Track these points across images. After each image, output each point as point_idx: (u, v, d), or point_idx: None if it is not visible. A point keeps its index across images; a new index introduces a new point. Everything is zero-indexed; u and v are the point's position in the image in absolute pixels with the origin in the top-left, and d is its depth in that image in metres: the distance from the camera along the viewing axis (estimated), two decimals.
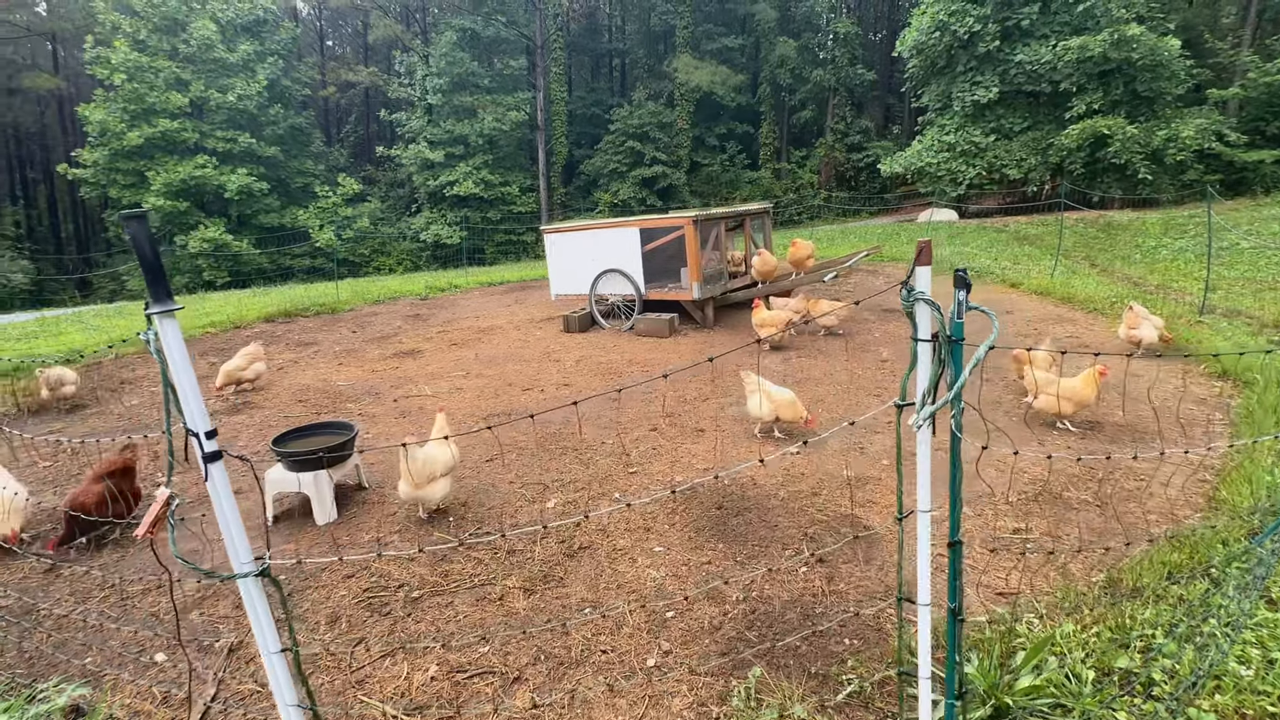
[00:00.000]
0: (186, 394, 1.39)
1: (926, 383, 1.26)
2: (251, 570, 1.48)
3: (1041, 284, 9.98)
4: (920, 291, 1.26)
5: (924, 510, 1.36)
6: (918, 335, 1.29)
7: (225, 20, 26.44)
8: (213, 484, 1.44)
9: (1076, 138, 17.73)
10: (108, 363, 8.14)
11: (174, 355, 1.37)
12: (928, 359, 1.28)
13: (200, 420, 1.41)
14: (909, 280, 1.27)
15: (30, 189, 38.74)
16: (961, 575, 1.48)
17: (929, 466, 1.35)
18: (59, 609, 3.06)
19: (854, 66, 31.86)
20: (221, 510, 1.46)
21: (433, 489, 3.66)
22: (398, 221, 31.36)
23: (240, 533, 1.49)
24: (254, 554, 1.50)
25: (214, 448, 1.42)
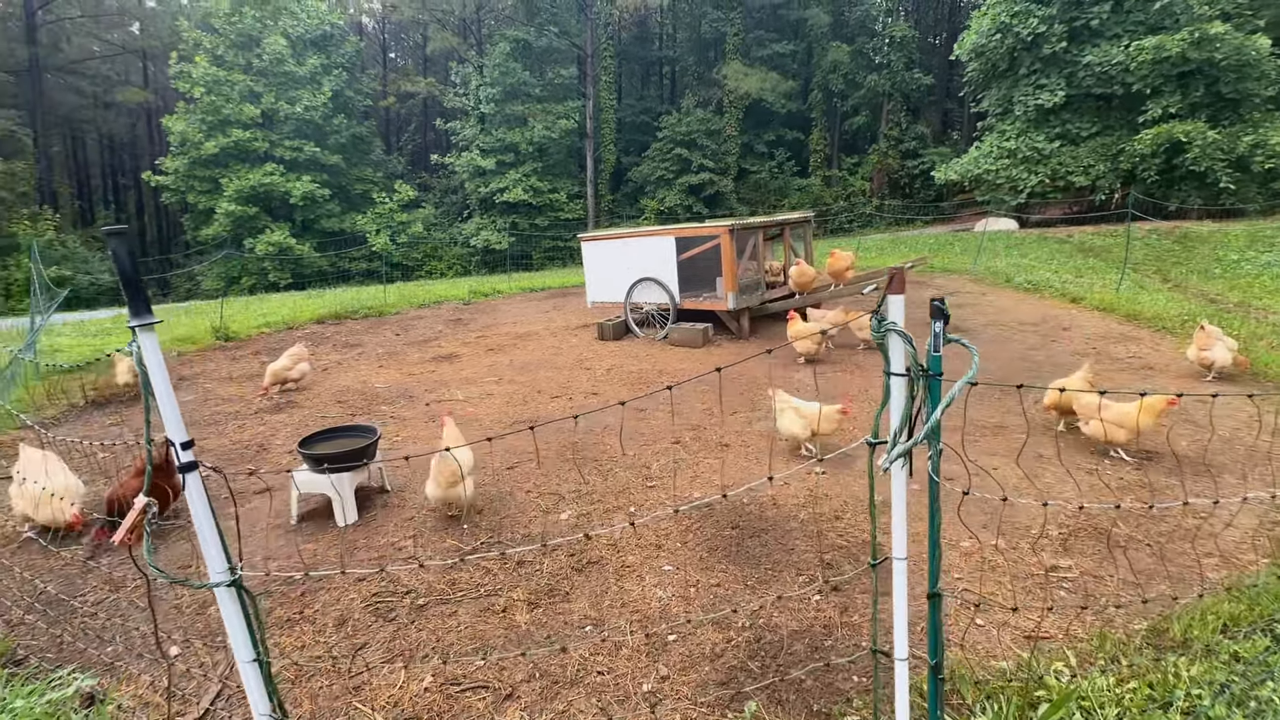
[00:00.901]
0: (164, 404, 1.42)
1: (898, 420, 1.15)
2: (224, 580, 1.50)
3: (1105, 299, 9.39)
4: (892, 322, 1.16)
5: (899, 557, 1.25)
6: (890, 369, 1.19)
7: (295, 35, 27.90)
8: (189, 493, 1.46)
9: (1151, 143, 16.67)
10: (170, 359, 8.63)
11: (152, 367, 1.40)
12: (902, 395, 1.18)
13: (176, 430, 1.43)
14: (880, 309, 1.18)
15: (121, 195, 41.83)
16: (942, 629, 1.36)
17: (904, 510, 1.24)
18: (93, 596, 3.22)
19: (910, 71, 30.98)
20: (197, 518, 1.48)
21: (459, 490, 3.72)
22: (449, 227, 32.29)
23: (215, 541, 1.50)
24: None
25: (190, 458, 1.44)
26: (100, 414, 6.35)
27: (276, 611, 3.04)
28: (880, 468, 1.19)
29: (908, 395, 1.16)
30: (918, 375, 1.13)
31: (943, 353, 1.14)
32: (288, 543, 3.73)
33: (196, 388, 7.29)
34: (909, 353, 1.15)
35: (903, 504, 1.25)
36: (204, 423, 6.02)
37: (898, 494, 1.24)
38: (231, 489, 1.87)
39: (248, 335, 10.04)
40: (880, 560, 1.34)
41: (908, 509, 1.36)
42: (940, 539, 1.23)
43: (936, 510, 1.20)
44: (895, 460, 1.16)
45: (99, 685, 2.47)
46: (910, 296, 6.05)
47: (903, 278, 1.16)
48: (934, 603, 1.24)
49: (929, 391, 1.14)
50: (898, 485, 1.23)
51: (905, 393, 1.17)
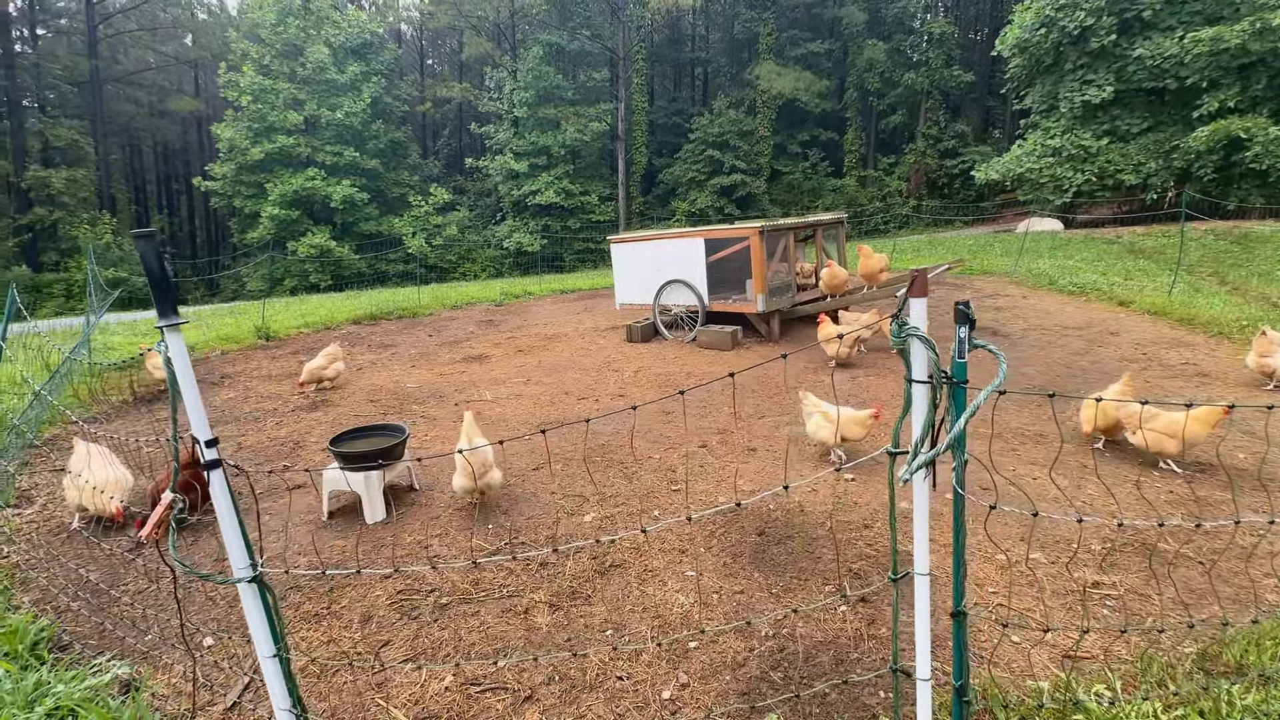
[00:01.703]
0: (190, 403, 1.45)
1: (920, 429, 1.10)
2: (245, 575, 1.52)
3: (1157, 302, 8.98)
4: (913, 327, 1.11)
5: (921, 573, 1.20)
6: (912, 375, 1.13)
7: (337, 44, 28.74)
8: (213, 489, 1.49)
9: (1207, 140, 15.89)
10: (214, 358, 8.95)
11: (178, 367, 1.43)
12: (924, 402, 1.12)
13: (201, 428, 1.46)
14: (900, 313, 1.12)
15: (174, 199, 43.75)
16: (967, 649, 1.29)
17: (926, 522, 1.18)
18: (133, 586, 3.34)
19: (950, 68, 30.24)
20: (221, 514, 1.51)
21: (488, 479, 3.85)
22: (483, 230, 32.80)
23: (238, 537, 1.53)
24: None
25: (214, 455, 1.47)
26: (148, 409, 6.62)
27: (304, 606, 3.10)
28: (900, 479, 1.14)
29: (930, 403, 1.10)
30: (940, 382, 1.08)
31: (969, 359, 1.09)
32: (316, 539, 3.81)
33: (238, 385, 7.53)
34: (931, 359, 1.09)
35: (924, 516, 1.19)
36: (244, 419, 6.21)
37: (919, 506, 1.18)
38: (253, 487, 1.91)
39: (287, 335, 10.34)
40: (901, 575, 1.28)
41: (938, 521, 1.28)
42: (965, 554, 1.17)
43: (961, 524, 1.14)
44: (916, 472, 1.10)
45: (135, 673, 2.56)
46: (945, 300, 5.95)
47: (925, 280, 1.10)
48: (959, 621, 1.18)
49: (953, 400, 1.08)
50: (920, 497, 1.18)
51: (927, 401, 1.11)
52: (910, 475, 1.11)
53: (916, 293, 1.13)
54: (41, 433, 5.63)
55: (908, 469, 1.11)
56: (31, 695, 2.33)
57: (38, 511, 4.22)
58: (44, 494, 4.49)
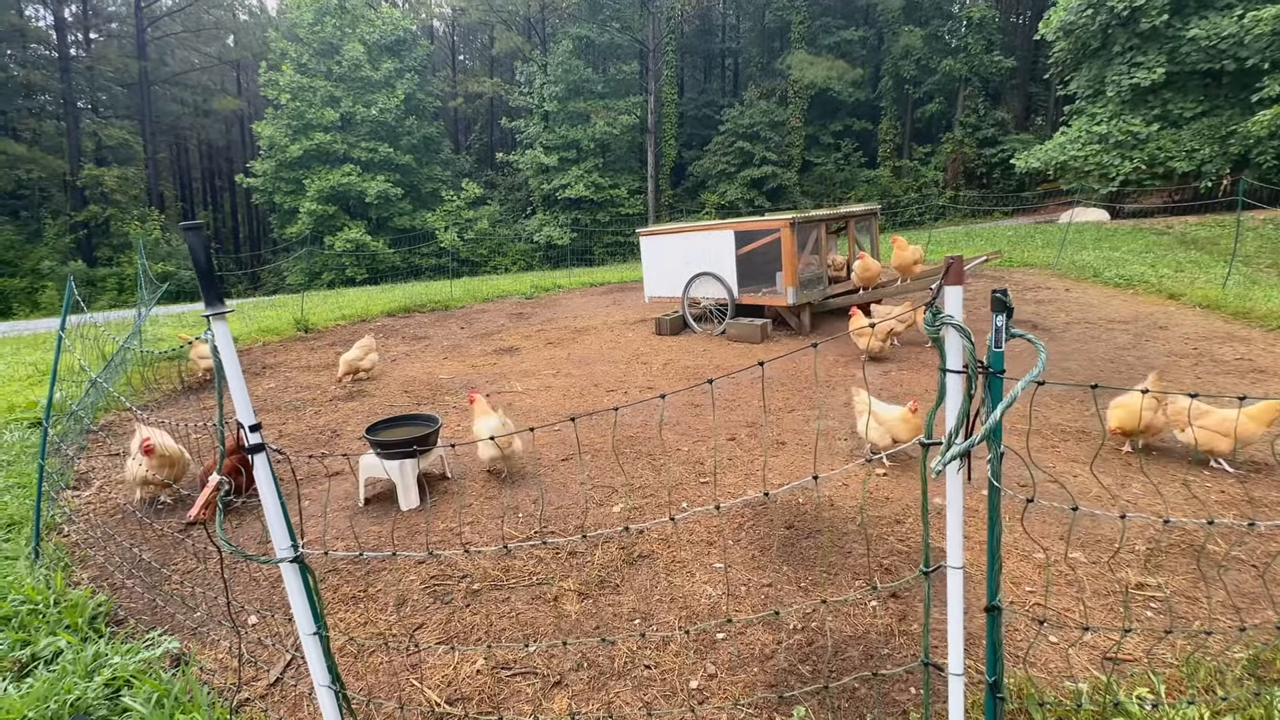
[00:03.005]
0: (235, 389, 1.50)
1: (954, 420, 1.08)
2: (287, 556, 1.58)
3: (1209, 295, 8.59)
4: (948, 316, 1.08)
5: (954, 566, 1.17)
6: (946, 365, 1.11)
7: (371, 42, 29.25)
8: (257, 473, 1.55)
9: (1268, 124, 15.07)
10: (256, 349, 9.25)
11: (224, 353, 1.48)
12: (958, 394, 1.10)
13: (246, 413, 1.52)
14: (935, 301, 1.10)
15: (218, 196, 45.25)
16: (1001, 645, 1.26)
17: (959, 515, 1.16)
18: (184, 565, 3.49)
19: (990, 53, 29.27)
20: (264, 497, 1.57)
21: (514, 446, 4.28)
22: (514, 223, 33.11)
23: (280, 520, 1.59)
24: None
25: (257, 440, 1.53)
26: (195, 397, 6.88)
27: (342, 589, 3.20)
28: (932, 470, 1.12)
29: (965, 394, 1.08)
30: (976, 372, 1.05)
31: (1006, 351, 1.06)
32: (353, 524, 3.92)
33: (279, 375, 7.78)
34: (966, 348, 1.07)
35: (958, 509, 1.17)
36: (285, 408, 6.42)
37: (953, 498, 1.16)
38: (295, 472, 1.98)
39: (325, 327, 10.63)
40: (934, 568, 1.26)
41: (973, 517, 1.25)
42: (1000, 549, 1.14)
43: (996, 518, 1.11)
44: (949, 463, 1.08)
45: (185, 648, 2.68)
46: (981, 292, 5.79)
47: (960, 268, 1.08)
48: (993, 616, 1.16)
49: (989, 391, 1.06)
50: (953, 489, 1.15)
51: (962, 391, 1.09)
52: (943, 466, 1.09)
53: (952, 280, 1.10)
54: (97, 419, 5.91)
55: (940, 460, 1.09)
56: (91, 666, 2.46)
57: (95, 493, 4.44)
58: (101, 476, 4.72)
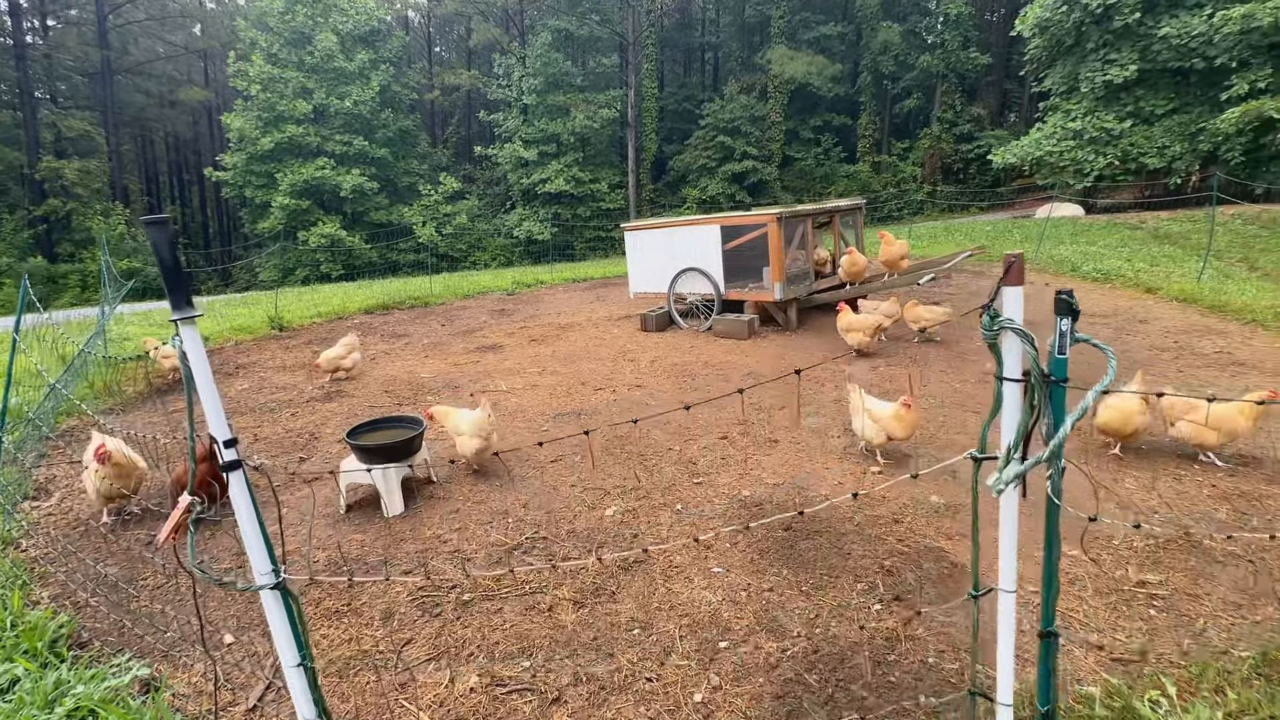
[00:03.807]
0: (206, 399, 1.36)
1: (1014, 434, 0.99)
2: (268, 582, 1.44)
3: (1185, 289, 8.74)
4: (1008, 319, 0.99)
5: (1006, 590, 1.09)
6: (1003, 373, 1.02)
7: (345, 32, 28.53)
8: (233, 492, 1.41)
9: (1236, 121, 15.42)
10: (228, 348, 8.94)
11: (194, 360, 1.34)
12: (1016, 403, 1.01)
13: (220, 427, 1.37)
14: (992, 302, 1.00)
15: (186, 190, 43.92)
16: (1056, 673, 1.18)
17: (1014, 537, 1.07)
18: (154, 581, 3.30)
19: (966, 50, 29.59)
20: (241, 518, 1.43)
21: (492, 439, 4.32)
22: (493, 218, 32.66)
23: (259, 542, 1.45)
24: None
25: (233, 456, 1.39)
26: (162, 401, 6.60)
27: (325, 602, 3.04)
28: (992, 489, 1.03)
29: (1026, 405, 0.99)
30: (1038, 381, 0.96)
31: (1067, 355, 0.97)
32: (336, 533, 3.75)
33: (252, 376, 7.51)
34: (1030, 355, 0.98)
35: (1013, 528, 1.08)
36: (259, 410, 6.18)
37: (1007, 517, 1.08)
38: (274, 488, 1.83)
39: (301, 325, 10.32)
40: (984, 591, 1.18)
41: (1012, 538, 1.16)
42: (1058, 570, 1.06)
43: (1055, 537, 1.03)
44: (1012, 482, 0.99)
45: (156, 671, 2.51)
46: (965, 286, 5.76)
47: (1020, 267, 0.98)
48: (1048, 643, 1.08)
49: (1049, 400, 0.97)
50: (1008, 508, 1.07)
51: (1022, 402, 1.00)
52: (1006, 486, 1.00)
53: (1012, 280, 1.01)
54: (58, 424, 5.62)
55: (999, 478, 1.00)
56: (51, 695, 2.29)
57: (56, 504, 4.20)
58: (62, 486, 4.47)
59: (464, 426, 4.35)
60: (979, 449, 1.10)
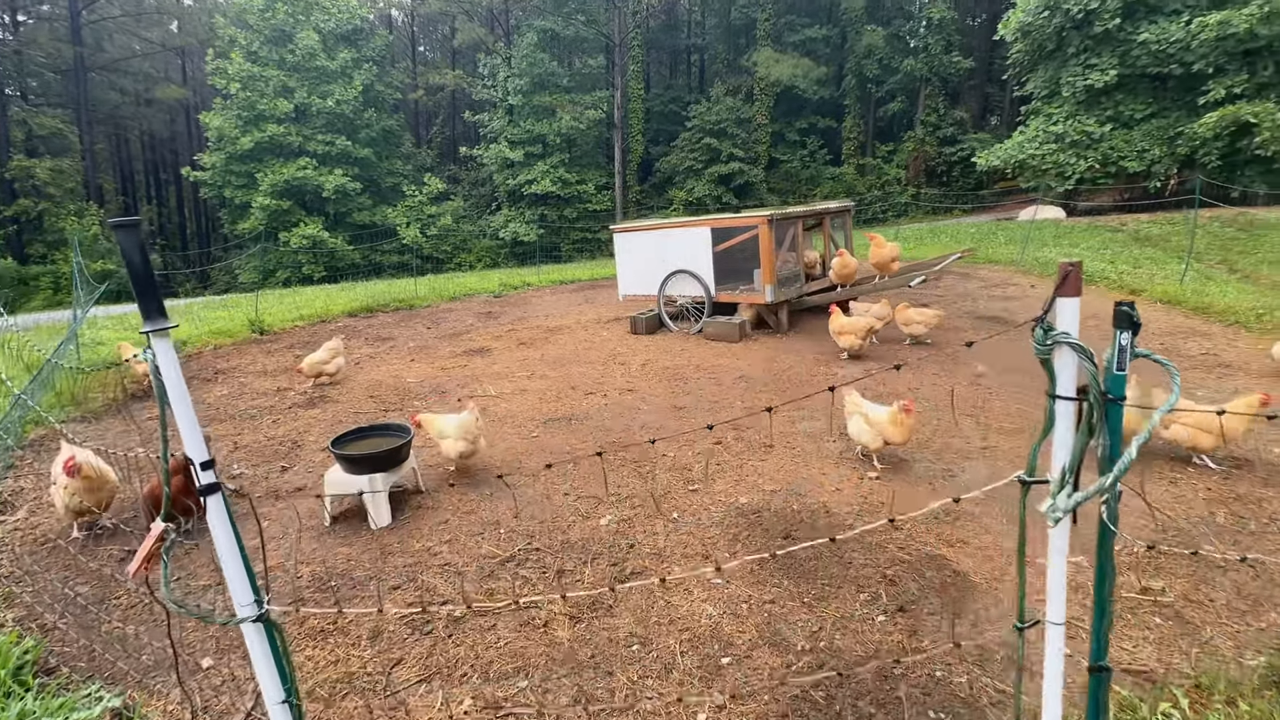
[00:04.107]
0: (181, 418, 1.25)
1: (1068, 458, 0.92)
2: (250, 614, 1.33)
3: (1169, 291, 8.84)
4: (1064, 333, 0.92)
5: (1055, 622, 1.02)
6: (1056, 391, 0.95)
7: (327, 30, 28.14)
8: (211, 519, 1.30)
9: (1213, 126, 15.72)
10: (207, 353, 8.70)
11: (167, 376, 1.23)
12: (1070, 424, 0.94)
13: (196, 448, 1.26)
14: (1046, 314, 0.93)
15: (163, 190, 43.04)
16: (1108, 710, 1.12)
17: (1064, 567, 1.00)
18: (127, 600, 3.15)
19: (949, 54, 29.92)
20: (220, 546, 1.32)
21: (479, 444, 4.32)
22: (478, 219, 32.40)
23: (240, 571, 1.34)
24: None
25: (211, 479, 1.28)
26: (140, 406, 6.38)
27: (309, 621, 2.92)
28: (1048, 517, 0.95)
29: (1084, 426, 0.92)
30: (1098, 401, 0.89)
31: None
32: (321, 546, 3.61)
33: (232, 381, 7.30)
34: (1090, 372, 0.91)
35: (1063, 557, 1.01)
36: (239, 417, 6.00)
37: (1058, 546, 1.01)
38: (256, 512, 1.72)
39: (282, 328, 10.09)
40: (1030, 623, 1.10)
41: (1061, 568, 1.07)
42: (1112, 600, 0.99)
43: (1109, 565, 0.96)
44: (1071, 510, 0.92)
45: (129, 700, 2.37)
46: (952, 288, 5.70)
47: (1078, 276, 0.92)
48: (1099, 678, 1.01)
49: (1106, 420, 0.90)
50: (1058, 536, 1.00)
51: (1078, 423, 0.93)
52: (1061, 515, 0.92)
53: (1069, 291, 0.94)
54: (26, 434, 5.40)
55: (1053, 505, 0.92)
56: None
57: (23, 519, 4.01)
58: (29, 500, 4.28)
59: (449, 429, 4.25)
60: (1027, 471, 1.03)
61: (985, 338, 7.23)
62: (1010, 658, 2.56)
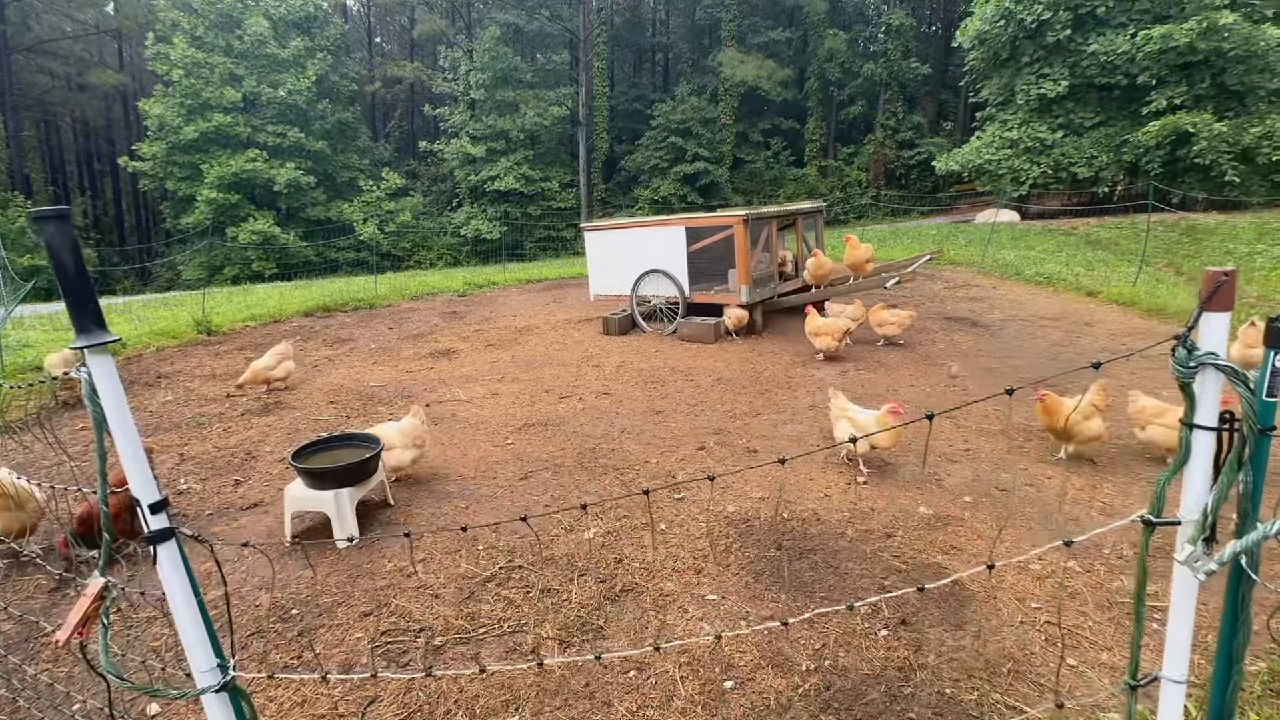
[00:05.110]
0: (125, 451, 1.02)
1: (1212, 498, 0.80)
2: (212, 683, 1.11)
3: (1124, 293, 9.14)
4: (1211, 353, 0.80)
5: (1175, 679, 0.90)
6: (1196, 420, 0.83)
7: (277, 16, 26.96)
8: (162, 570, 1.08)
9: (1156, 135, 16.47)
10: (149, 355, 8.13)
11: (108, 400, 1.00)
12: (1208, 457, 0.82)
13: (144, 487, 1.04)
14: (1189, 334, 0.81)
15: (97, 181, 40.54)
16: None
17: (1191, 617, 0.89)
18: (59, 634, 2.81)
19: (907, 60, 30.65)
20: (174, 604, 1.10)
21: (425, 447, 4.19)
22: (439, 216, 31.59)
23: (200, 634, 1.12)
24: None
25: (162, 524, 1.05)
26: (70, 415, 5.87)
27: (272, 656, 2.65)
28: (1197, 571, 0.83)
29: (1232, 462, 0.80)
30: (1252, 433, 0.77)
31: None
32: (281, 568, 3.33)
33: (178, 386, 6.82)
34: (1245, 399, 0.79)
35: (1190, 607, 0.90)
36: (186, 425, 5.58)
37: (1184, 592, 0.89)
38: (218, 560, 1.48)
39: (232, 329, 9.53)
40: (1146, 679, 0.99)
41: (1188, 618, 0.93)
42: (1244, 658, 0.88)
43: (1245, 617, 0.85)
44: (1228, 562, 0.80)
45: None
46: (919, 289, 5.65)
47: (1231, 289, 0.80)
48: None
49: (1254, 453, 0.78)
50: (1184, 582, 0.88)
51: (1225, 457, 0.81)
52: (1215, 568, 0.80)
53: (1218, 305, 0.81)
54: None
55: (1197, 553, 0.80)
56: None
57: None
58: None
59: (394, 438, 4.01)
60: (1151, 510, 0.91)
61: (1045, 379, 7.32)
62: (1016, 670, 2.50)
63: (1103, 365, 0.98)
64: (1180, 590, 0.90)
